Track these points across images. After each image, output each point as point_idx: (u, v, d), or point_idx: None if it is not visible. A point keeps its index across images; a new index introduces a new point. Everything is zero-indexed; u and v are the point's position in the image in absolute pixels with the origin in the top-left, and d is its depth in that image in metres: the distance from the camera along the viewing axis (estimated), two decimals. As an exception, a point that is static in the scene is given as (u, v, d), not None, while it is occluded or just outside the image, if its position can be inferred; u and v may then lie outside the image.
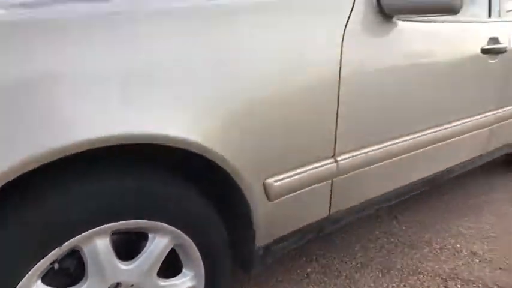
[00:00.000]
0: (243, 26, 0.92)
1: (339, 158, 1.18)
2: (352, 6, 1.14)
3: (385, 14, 1.20)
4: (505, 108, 1.85)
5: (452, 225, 1.90)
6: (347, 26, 1.12)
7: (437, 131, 1.50)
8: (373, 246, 1.70)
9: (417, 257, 1.65)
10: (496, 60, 1.65)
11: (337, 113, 1.13)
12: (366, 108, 1.20)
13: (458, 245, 1.75)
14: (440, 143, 1.55)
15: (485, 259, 1.66)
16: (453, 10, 1.15)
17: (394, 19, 1.24)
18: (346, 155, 1.21)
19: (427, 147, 1.49)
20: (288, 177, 1.06)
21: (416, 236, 1.80)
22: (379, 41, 1.20)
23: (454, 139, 1.60)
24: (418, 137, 1.42)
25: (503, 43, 1.66)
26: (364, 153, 1.25)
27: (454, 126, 1.57)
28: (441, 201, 2.14)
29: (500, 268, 1.61)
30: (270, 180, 1.00)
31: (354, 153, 1.23)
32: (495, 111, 1.79)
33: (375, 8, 1.19)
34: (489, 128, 1.80)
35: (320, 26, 1.07)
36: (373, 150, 1.28)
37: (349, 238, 1.75)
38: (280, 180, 1.03)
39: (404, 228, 1.87)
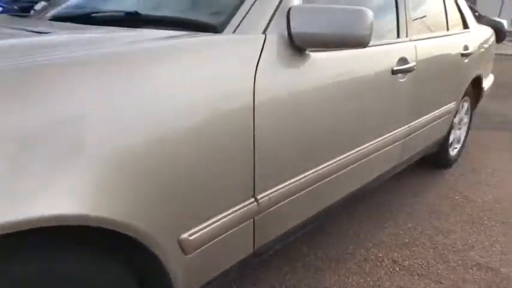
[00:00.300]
0: (136, 73, 0.84)
1: (259, 196, 1.17)
2: (264, 42, 1.12)
3: (297, 47, 1.20)
4: (415, 122, 1.96)
5: (374, 234, 1.99)
6: (259, 61, 1.09)
7: (354, 153, 1.54)
8: (302, 266, 1.73)
9: (343, 272, 1.70)
10: (405, 79, 1.73)
11: (254, 151, 1.11)
12: (283, 141, 1.20)
13: (380, 254, 1.84)
14: (359, 162, 1.60)
15: (405, 266, 1.76)
16: (361, 44, 1.17)
17: (307, 51, 1.24)
18: (267, 192, 1.19)
19: (346, 169, 1.53)
20: (206, 226, 1.01)
21: (342, 249, 1.86)
22: (293, 73, 1.19)
23: (370, 156, 1.66)
24: (337, 161, 1.45)
25: (411, 62, 1.75)
26: (285, 186, 1.25)
27: (370, 145, 1.63)
28: (363, 211, 2.23)
29: (417, 274, 1.72)
30: (184, 236, 0.95)
31: (275, 188, 1.22)
32: (407, 126, 1.89)
33: (287, 42, 1.18)
34: (402, 141, 1.90)
35: (231, 64, 1.03)
36: (294, 182, 1.28)
37: (277, 261, 1.75)
38: (197, 232, 0.99)
39: (330, 241, 1.92)
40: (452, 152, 2.78)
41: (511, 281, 1.70)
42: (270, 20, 1.17)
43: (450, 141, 2.68)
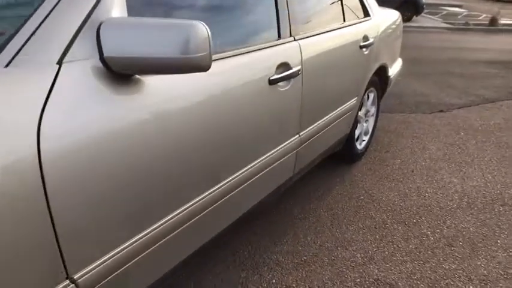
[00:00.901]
0: None
1: (76, 276, 0.90)
2: (57, 74, 0.82)
3: (118, 73, 0.91)
4: (308, 129, 1.76)
5: (270, 254, 1.81)
6: (48, 102, 0.78)
7: (234, 178, 1.31)
8: (181, 309, 1.51)
9: (229, 311, 1.51)
10: (289, 86, 1.50)
11: (53, 220, 0.82)
12: (105, 197, 0.91)
13: (274, 281, 1.66)
14: (243, 185, 1.38)
15: (298, 293, 1.61)
16: (199, 68, 0.91)
17: (136, 76, 0.96)
18: (89, 267, 0.92)
19: (227, 196, 1.31)
20: None
21: (233, 278, 1.66)
22: (110, 108, 0.89)
23: (253, 179, 1.44)
24: (199, 200, 1.21)
25: (295, 66, 1.52)
26: (117, 253, 0.99)
27: (250, 168, 1.40)
28: (262, 225, 2.03)
29: (311, 302, 1.57)
30: None
31: (101, 260, 0.95)
32: (297, 136, 1.68)
33: (101, 68, 0.89)
34: (294, 152, 1.70)
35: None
36: (131, 244, 1.02)
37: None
38: None
39: (218, 271, 1.70)
40: (360, 145, 2.66)
41: (407, 297, 1.60)
42: (72, 42, 0.86)
43: (357, 136, 2.55)
